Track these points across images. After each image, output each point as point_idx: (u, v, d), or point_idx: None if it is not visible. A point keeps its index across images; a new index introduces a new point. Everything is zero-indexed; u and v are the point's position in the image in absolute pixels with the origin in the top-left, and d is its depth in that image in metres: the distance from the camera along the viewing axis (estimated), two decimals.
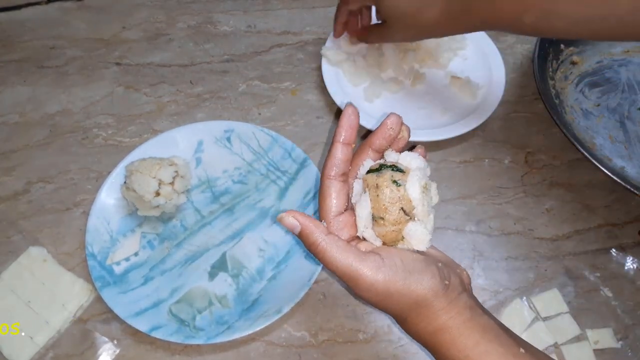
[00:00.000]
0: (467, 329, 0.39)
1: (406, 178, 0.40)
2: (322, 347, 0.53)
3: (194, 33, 0.77)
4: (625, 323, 0.55)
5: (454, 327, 0.39)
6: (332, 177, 0.42)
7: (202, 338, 0.51)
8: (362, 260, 0.39)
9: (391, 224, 0.40)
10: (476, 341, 0.38)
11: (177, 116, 0.69)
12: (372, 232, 0.41)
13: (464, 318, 0.39)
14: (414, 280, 0.39)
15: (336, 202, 0.42)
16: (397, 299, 0.39)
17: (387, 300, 0.39)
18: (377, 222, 0.40)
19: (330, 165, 0.42)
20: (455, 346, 0.38)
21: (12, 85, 0.71)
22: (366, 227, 0.41)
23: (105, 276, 0.55)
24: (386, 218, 0.39)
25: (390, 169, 0.40)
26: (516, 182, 0.64)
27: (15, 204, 0.61)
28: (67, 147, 0.66)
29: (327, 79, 0.69)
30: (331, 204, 0.42)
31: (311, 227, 0.40)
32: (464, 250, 0.59)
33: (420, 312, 0.39)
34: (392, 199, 0.39)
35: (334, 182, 0.42)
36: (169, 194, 0.57)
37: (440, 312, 0.39)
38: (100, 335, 0.53)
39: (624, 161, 0.65)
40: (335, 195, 0.42)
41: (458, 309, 0.39)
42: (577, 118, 0.69)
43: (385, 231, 0.40)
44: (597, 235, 0.61)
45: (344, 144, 0.42)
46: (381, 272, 0.38)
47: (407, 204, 0.40)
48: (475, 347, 0.38)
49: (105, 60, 0.74)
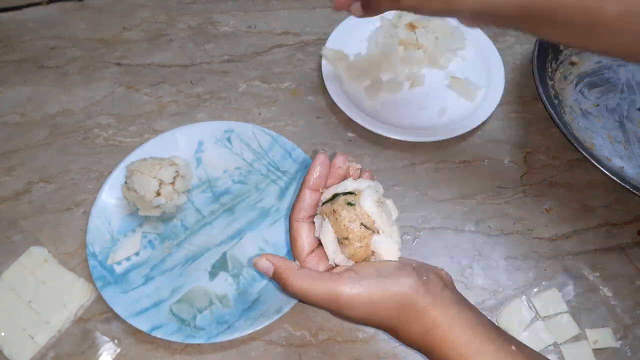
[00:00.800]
0: (457, 325, 0.39)
1: (359, 198, 0.42)
2: (322, 347, 0.53)
3: (195, 33, 0.78)
4: (624, 322, 0.55)
5: (444, 324, 0.39)
6: (301, 219, 0.44)
7: (203, 337, 0.51)
8: (338, 280, 0.40)
9: (356, 241, 0.41)
10: (467, 339, 0.38)
11: (177, 116, 0.69)
12: (342, 256, 0.42)
13: (453, 313, 0.39)
14: (391, 283, 0.39)
15: (307, 242, 0.44)
16: (382, 306, 0.39)
17: (373, 312, 0.40)
18: (343, 244, 0.42)
19: (298, 209, 0.44)
20: (448, 343, 0.39)
21: (12, 85, 0.71)
22: (335, 253, 0.42)
23: (106, 276, 0.55)
24: (350, 237, 0.41)
25: (342, 195, 0.43)
26: (516, 182, 0.65)
27: (16, 204, 0.61)
28: (68, 147, 0.66)
29: (327, 79, 0.69)
30: (303, 244, 0.44)
31: (282, 266, 0.42)
32: (463, 250, 0.60)
33: (408, 315, 0.39)
34: (350, 218, 0.41)
35: (302, 224, 0.44)
36: (170, 193, 0.57)
37: (426, 310, 0.39)
38: (101, 334, 0.54)
39: (623, 161, 0.66)
40: (305, 235, 0.44)
41: (444, 304, 0.40)
42: (576, 118, 0.69)
43: (353, 249, 0.42)
44: (597, 235, 0.61)
45: (312, 189, 0.44)
46: (357, 284, 0.39)
47: (366, 218, 0.41)
48: (467, 345, 0.38)
49: (105, 60, 0.74)
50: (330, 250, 0.43)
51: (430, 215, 0.62)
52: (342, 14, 0.77)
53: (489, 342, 0.38)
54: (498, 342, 0.39)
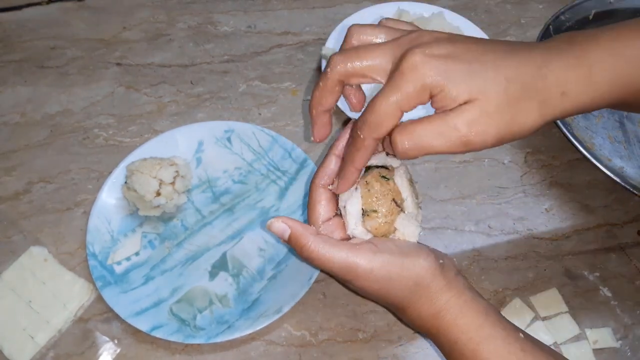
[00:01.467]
0: (470, 309, 0.39)
1: (393, 173, 0.42)
2: (322, 347, 0.53)
3: (195, 33, 0.78)
4: (624, 323, 0.55)
5: (456, 308, 0.39)
6: (322, 186, 0.43)
7: (203, 337, 0.51)
8: (357, 250, 0.39)
9: (384, 216, 0.41)
10: (480, 324, 0.38)
11: (177, 116, 0.69)
12: (363, 229, 0.42)
13: (465, 298, 0.40)
14: (410, 261, 0.39)
15: (325, 209, 0.43)
16: (398, 282, 0.39)
17: (388, 287, 0.39)
18: (370, 216, 0.41)
19: (321, 175, 0.43)
20: (458, 327, 0.39)
21: (12, 85, 0.71)
22: (357, 224, 0.41)
23: (106, 276, 0.55)
24: (379, 210, 0.41)
25: (376, 167, 0.42)
26: (516, 182, 0.65)
27: (16, 204, 0.61)
28: (68, 147, 0.66)
29: None
30: (320, 210, 0.43)
31: (300, 229, 0.40)
32: (463, 250, 0.60)
33: (421, 295, 0.40)
34: (383, 192, 0.41)
35: (323, 190, 0.43)
36: (170, 193, 0.57)
37: (440, 292, 0.39)
38: (101, 334, 0.54)
39: (623, 161, 0.66)
40: (324, 202, 0.43)
41: (457, 289, 0.40)
42: (576, 118, 0.69)
43: (377, 224, 0.41)
44: (597, 235, 0.61)
45: (338, 156, 0.43)
46: (377, 257, 0.39)
47: (397, 195, 0.41)
48: (479, 329, 0.38)
49: (105, 60, 0.74)
50: (352, 222, 0.41)
51: (430, 215, 0.62)
52: (342, 14, 0.77)
53: (501, 328, 0.39)
54: (508, 329, 0.39)
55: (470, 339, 0.38)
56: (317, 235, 0.40)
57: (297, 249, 0.41)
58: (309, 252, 0.40)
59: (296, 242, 0.40)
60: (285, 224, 0.41)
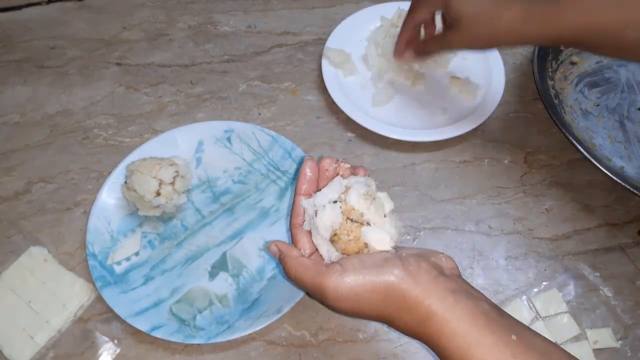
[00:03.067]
0: (454, 315, 0.38)
1: (345, 194, 0.43)
2: (322, 347, 0.53)
3: (194, 33, 0.77)
4: (624, 323, 0.55)
5: (439, 314, 0.38)
6: (299, 225, 0.46)
7: (203, 337, 0.51)
8: (324, 273, 0.41)
9: (344, 234, 0.42)
10: (465, 330, 0.37)
11: (177, 116, 0.69)
12: (337, 253, 0.43)
13: (447, 303, 0.38)
14: (374, 272, 0.40)
15: (307, 245, 0.45)
16: (366, 297, 0.39)
17: (357, 305, 0.40)
18: (334, 240, 0.43)
19: (295, 215, 0.46)
20: (444, 334, 0.38)
21: (12, 85, 0.71)
22: (329, 252, 0.44)
23: (106, 276, 0.55)
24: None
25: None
26: (516, 182, 0.64)
27: (16, 204, 0.61)
28: (68, 147, 0.66)
29: (327, 79, 0.69)
30: (303, 247, 0.45)
31: (285, 250, 0.44)
32: (463, 250, 0.60)
33: (398, 305, 0.39)
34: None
35: (300, 230, 0.46)
36: (170, 193, 0.57)
37: (419, 299, 0.38)
38: (101, 334, 0.54)
39: (623, 161, 0.66)
40: (305, 240, 0.45)
41: (438, 294, 0.39)
42: (576, 118, 0.69)
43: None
44: (597, 235, 0.61)
45: (304, 195, 0.46)
46: (341, 277, 0.40)
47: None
48: (466, 335, 0.37)
49: (105, 60, 0.74)
50: (324, 250, 0.43)
51: (430, 215, 0.62)
52: (342, 14, 0.77)
53: (489, 333, 0.37)
54: (498, 332, 0.37)
55: (458, 347, 0.37)
56: (297, 258, 0.43)
57: (284, 269, 0.44)
58: (288, 273, 0.43)
59: (282, 262, 0.44)
60: (276, 247, 0.45)
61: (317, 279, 0.41)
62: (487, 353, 0.37)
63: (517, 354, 0.36)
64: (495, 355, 0.36)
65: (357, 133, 0.67)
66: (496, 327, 0.38)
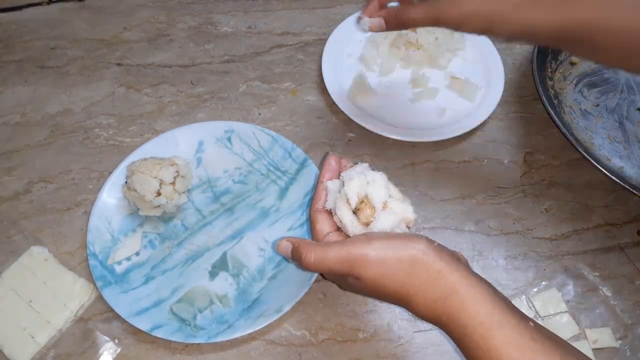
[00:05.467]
0: (477, 293, 0.38)
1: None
2: (322, 346, 0.54)
3: (195, 33, 0.78)
4: (624, 322, 0.56)
5: (463, 290, 0.38)
6: (318, 211, 0.47)
7: (203, 337, 0.51)
8: (350, 242, 0.41)
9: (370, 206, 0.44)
10: (489, 309, 0.37)
11: (177, 116, 0.69)
12: (361, 227, 0.44)
13: (471, 281, 0.39)
14: (400, 243, 0.40)
15: (324, 225, 0.46)
16: (393, 265, 0.40)
17: (386, 271, 0.40)
18: (360, 208, 0.44)
19: (316, 200, 0.48)
20: (467, 312, 0.38)
21: (13, 85, 0.72)
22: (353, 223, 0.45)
23: (107, 275, 0.55)
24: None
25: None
26: (515, 182, 0.65)
27: (17, 204, 0.62)
28: (68, 147, 0.66)
29: (327, 79, 0.69)
30: (321, 227, 0.46)
31: (299, 241, 0.44)
32: (463, 249, 0.60)
33: (421, 277, 0.39)
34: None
35: (321, 213, 0.47)
36: (170, 193, 0.57)
37: (444, 273, 0.39)
38: (102, 334, 0.54)
39: (622, 161, 0.66)
40: (323, 220, 0.47)
41: (461, 272, 0.39)
42: (575, 118, 0.69)
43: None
44: (596, 234, 0.61)
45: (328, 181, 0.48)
46: (370, 243, 0.40)
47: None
48: (489, 315, 0.37)
49: (106, 60, 0.74)
50: (348, 219, 0.44)
51: (430, 215, 0.62)
52: (342, 14, 0.77)
53: (510, 315, 0.37)
54: (518, 317, 0.38)
55: (481, 324, 0.37)
56: (316, 243, 0.44)
57: (298, 262, 0.43)
58: (306, 260, 0.42)
59: (296, 254, 0.43)
60: (289, 242, 0.44)
61: (343, 250, 0.41)
62: (509, 335, 0.37)
63: (536, 339, 0.37)
64: (517, 337, 0.37)
65: (357, 133, 0.67)
66: (516, 311, 0.39)
